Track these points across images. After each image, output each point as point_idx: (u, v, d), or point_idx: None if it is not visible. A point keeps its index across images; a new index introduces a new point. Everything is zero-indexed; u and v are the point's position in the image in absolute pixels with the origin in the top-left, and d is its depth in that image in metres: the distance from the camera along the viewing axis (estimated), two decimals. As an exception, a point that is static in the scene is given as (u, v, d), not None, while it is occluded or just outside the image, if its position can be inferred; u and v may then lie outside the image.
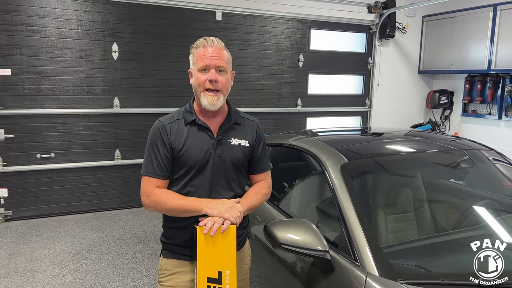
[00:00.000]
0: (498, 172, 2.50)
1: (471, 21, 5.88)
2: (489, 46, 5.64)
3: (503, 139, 5.81)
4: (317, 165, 2.32)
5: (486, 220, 2.17)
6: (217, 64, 1.72)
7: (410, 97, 6.88)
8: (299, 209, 2.51)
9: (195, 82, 1.76)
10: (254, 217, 2.55)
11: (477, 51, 5.83)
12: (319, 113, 6.23)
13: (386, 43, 6.46)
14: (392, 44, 6.54)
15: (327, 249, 1.75)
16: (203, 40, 1.75)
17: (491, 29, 5.59)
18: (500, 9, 5.46)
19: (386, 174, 2.37)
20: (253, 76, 5.65)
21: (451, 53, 6.23)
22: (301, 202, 2.57)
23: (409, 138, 2.83)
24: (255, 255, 2.19)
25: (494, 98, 5.89)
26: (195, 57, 1.75)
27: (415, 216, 2.16)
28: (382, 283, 1.58)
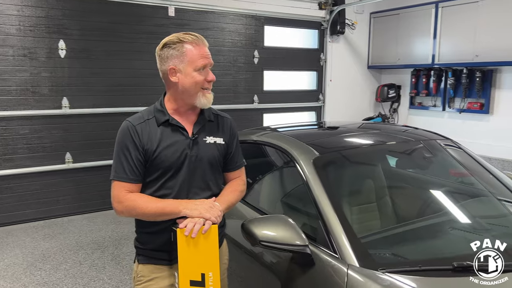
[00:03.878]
0: (454, 161, 2.63)
1: (415, 18, 6.18)
2: (433, 42, 5.95)
3: (447, 129, 6.17)
4: (287, 159, 2.33)
5: (451, 207, 2.27)
6: (212, 63, 1.71)
7: (361, 92, 7.11)
8: (271, 204, 2.50)
9: (190, 82, 1.65)
10: (223, 216, 2.50)
11: (421, 46, 6.14)
12: (276, 109, 6.27)
13: (337, 39, 6.63)
14: (343, 40, 6.73)
15: (307, 243, 1.76)
16: (193, 37, 1.67)
17: (433, 25, 5.91)
18: (442, 6, 5.79)
19: (354, 167, 2.42)
20: (209, 73, 5.56)
21: (398, 49, 6.51)
22: (272, 197, 2.56)
23: (369, 131, 2.91)
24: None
25: (438, 90, 6.23)
26: (185, 54, 1.64)
27: (386, 205, 2.22)
28: (364, 273, 1.61)
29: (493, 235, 2.00)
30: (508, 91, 5.48)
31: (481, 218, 2.15)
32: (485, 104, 5.69)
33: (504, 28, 5.09)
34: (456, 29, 5.67)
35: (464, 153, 2.64)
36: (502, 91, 5.55)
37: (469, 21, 5.47)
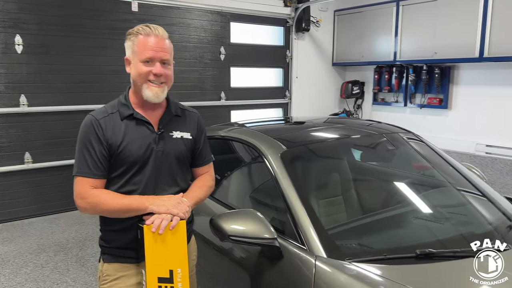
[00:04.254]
0: (416, 153, 2.72)
1: (378, 16, 6.33)
2: (394, 39, 6.12)
3: (409, 124, 6.36)
4: (255, 154, 2.33)
5: (414, 198, 2.35)
6: (162, 57, 1.62)
7: (326, 88, 7.22)
8: (240, 200, 2.50)
9: (135, 72, 1.63)
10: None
11: (384, 44, 6.30)
12: (243, 106, 6.27)
13: (302, 36, 6.70)
14: (308, 38, 6.80)
15: (275, 237, 1.77)
16: (146, 28, 1.63)
17: (395, 23, 6.07)
18: (402, 5, 5.95)
19: (320, 160, 2.46)
20: (174, 69, 5.42)
21: (361, 46, 6.65)
22: (240, 192, 2.56)
23: (334, 125, 2.96)
24: (196, 251, 2.13)
25: (400, 87, 6.42)
26: (135, 45, 1.62)
27: (352, 197, 2.27)
28: (331, 264, 1.64)
29: (453, 223, 2.09)
30: (465, 87, 5.71)
31: (442, 207, 2.23)
32: (444, 100, 5.90)
33: (461, 26, 5.29)
34: (416, 27, 5.85)
35: (425, 146, 2.73)
36: (460, 87, 5.78)
37: (428, 19, 5.66)
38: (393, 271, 1.59)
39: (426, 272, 1.61)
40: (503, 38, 4.90)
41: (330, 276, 1.60)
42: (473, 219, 2.13)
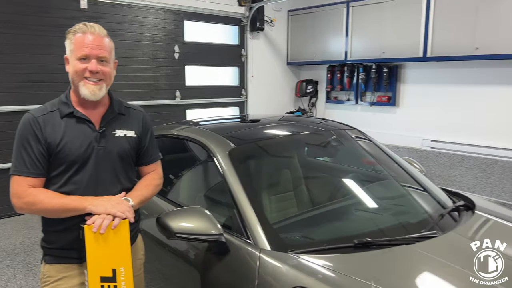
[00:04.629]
0: (360, 148, 2.85)
1: (329, 16, 6.51)
2: (345, 39, 6.32)
3: (360, 121, 6.61)
4: (205, 152, 2.36)
5: (357, 191, 2.47)
6: (99, 54, 1.61)
7: (281, 87, 7.34)
8: (190, 198, 2.52)
9: (72, 70, 1.62)
10: (142, 212, 2.47)
11: (335, 43, 6.48)
12: (199, 104, 6.25)
13: (257, 35, 6.77)
14: (263, 37, 6.88)
15: (221, 232, 1.81)
16: (82, 26, 1.62)
17: (345, 24, 6.27)
18: (352, 6, 6.16)
19: (269, 157, 2.52)
20: (127, 68, 5.40)
21: (314, 46, 6.81)
22: (191, 191, 2.58)
23: (285, 123, 3.04)
24: (147, 250, 2.13)
25: (351, 85, 6.63)
26: (73, 43, 1.61)
27: (297, 193, 2.35)
28: (274, 256, 1.70)
29: (391, 213, 2.22)
30: (411, 85, 6.00)
31: (382, 199, 2.36)
32: (392, 97, 6.17)
33: (406, 27, 5.55)
34: (365, 28, 6.07)
35: (369, 141, 2.87)
36: (406, 85, 6.06)
37: (376, 20, 5.89)
38: (332, 260, 1.67)
39: (363, 259, 1.70)
40: (444, 39, 5.19)
41: (273, 267, 1.66)
42: (410, 209, 2.27)
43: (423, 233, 1.85)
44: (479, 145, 5.31)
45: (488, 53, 4.81)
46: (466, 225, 2.00)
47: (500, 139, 5.13)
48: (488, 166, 5.20)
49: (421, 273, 1.64)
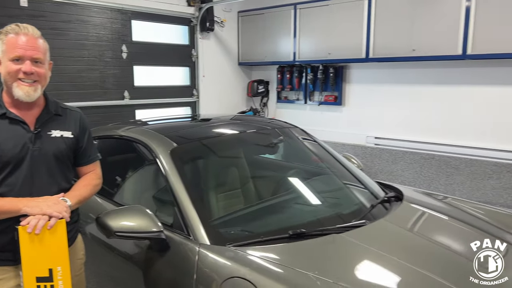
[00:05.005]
0: (303, 146, 2.99)
1: (278, 18, 6.66)
2: (293, 40, 6.49)
3: (309, 120, 6.82)
4: (148, 152, 2.38)
5: (296, 186, 2.59)
6: (33, 55, 1.61)
7: (233, 87, 7.41)
8: (134, 199, 2.53)
9: (4, 71, 1.60)
10: (87, 215, 2.46)
11: (284, 45, 6.64)
12: (149, 105, 6.19)
13: (207, 36, 6.80)
14: (213, 37, 6.92)
15: (162, 229, 1.85)
16: (15, 27, 1.61)
17: (293, 25, 6.44)
18: (299, 8, 6.34)
19: (212, 155, 2.59)
20: (72, 68, 5.26)
21: (264, 46, 6.94)
22: (135, 191, 2.60)
23: (231, 122, 3.12)
24: (91, 252, 2.14)
25: (300, 85, 6.83)
26: (5, 44, 1.59)
27: (240, 189, 2.43)
28: (213, 249, 1.77)
29: (327, 205, 2.36)
30: (356, 85, 6.27)
31: (320, 193, 2.49)
32: (338, 97, 6.42)
33: (349, 29, 5.79)
34: (312, 29, 6.27)
35: (311, 138, 3.00)
36: (351, 85, 6.33)
37: (322, 22, 6.10)
38: (268, 250, 1.77)
39: (297, 248, 1.81)
40: (384, 41, 5.47)
41: (211, 260, 1.73)
42: (345, 201, 2.42)
43: (353, 223, 1.98)
44: (418, 141, 5.65)
45: (424, 54, 5.13)
46: (393, 213, 2.16)
47: (436, 135, 5.49)
48: (426, 161, 5.55)
49: (348, 258, 1.77)
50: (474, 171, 5.15)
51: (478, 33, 4.66)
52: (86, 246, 2.24)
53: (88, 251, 2.02)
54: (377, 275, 1.68)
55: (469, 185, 5.20)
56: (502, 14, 4.51)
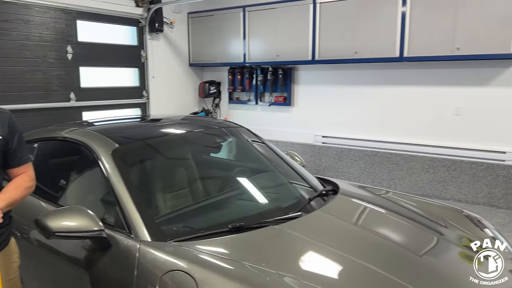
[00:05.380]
0: (249, 145, 3.08)
1: (228, 20, 6.74)
2: (243, 42, 6.60)
3: (260, 120, 6.97)
4: (90, 154, 2.38)
5: (240, 183, 2.68)
6: None
7: (185, 88, 7.41)
8: (77, 200, 2.51)
9: None
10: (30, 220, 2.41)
11: (235, 46, 6.74)
12: (97, 106, 6.07)
13: (157, 37, 6.76)
14: (163, 38, 6.89)
15: (102, 228, 1.88)
16: None
17: (243, 27, 6.56)
18: (248, 11, 6.46)
19: (156, 154, 2.62)
20: (14, 70, 5.06)
21: (215, 48, 7.01)
22: (79, 193, 2.58)
23: (177, 122, 3.16)
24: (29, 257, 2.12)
25: (251, 86, 6.96)
26: None
27: (185, 188, 2.48)
28: (154, 245, 1.82)
29: (268, 200, 2.47)
30: (304, 86, 6.49)
31: (262, 188, 2.59)
32: (287, 98, 6.61)
33: (297, 32, 5.98)
34: (261, 32, 6.41)
35: (256, 137, 3.11)
36: (300, 86, 6.54)
37: (270, 25, 6.26)
38: (208, 244, 1.84)
39: (236, 241, 1.90)
40: (329, 44, 5.70)
41: (151, 256, 1.77)
42: (285, 195, 2.54)
43: (290, 215, 2.10)
44: (362, 139, 5.94)
45: (365, 56, 5.41)
46: (328, 205, 2.31)
47: (378, 133, 5.79)
48: (369, 158, 5.85)
49: (283, 247, 1.88)
50: (413, 166, 5.50)
51: (413, 37, 4.99)
52: (27, 251, 2.22)
53: (29, 256, 2.00)
54: (308, 261, 1.81)
55: (409, 179, 5.54)
56: (433, 20, 4.86)
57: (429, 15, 4.87)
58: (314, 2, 5.72)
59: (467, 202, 5.13)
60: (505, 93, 4.84)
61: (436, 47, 4.86)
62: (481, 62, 4.87)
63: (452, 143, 5.21)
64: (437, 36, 4.84)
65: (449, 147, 5.23)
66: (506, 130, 4.89)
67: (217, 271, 1.63)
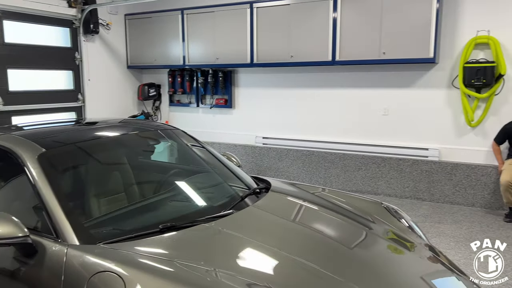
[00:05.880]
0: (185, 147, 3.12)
1: (166, 22, 6.70)
2: (182, 45, 6.60)
3: (202, 122, 7.00)
4: (15, 160, 2.30)
5: (175, 185, 2.71)
6: None
7: (123, 91, 7.26)
8: (3, 207, 2.42)
9: None
10: None
11: (174, 49, 6.72)
12: (28, 111, 5.78)
13: (92, 38, 6.57)
14: (99, 40, 6.71)
15: (27, 234, 1.84)
16: None
17: (181, 30, 6.55)
18: (187, 13, 6.47)
19: (87, 158, 2.58)
20: None
21: (154, 50, 6.93)
22: (5, 200, 2.48)
23: (111, 125, 3.12)
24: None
25: (191, 89, 6.97)
26: None
27: (117, 190, 2.48)
28: (82, 248, 1.82)
29: (202, 200, 2.53)
30: (244, 88, 6.61)
31: (197, 189, 2.65)
32: (228, 100, 6.70)
33: (236, 36, 6.08)
34: (199, 34, 6.44)
35: (192, 139, 3.15)
36: (240, 88, 6.65)
37: (209, 28, 6.32)
38: (138, 244, 1.86)
39: (167, 240, 1.94)
40: (266, 48, 5.87)
41: (79, 259, 1.77)
42: (219, 194, 2.62)
43: (221, 213, 2.18)
44: (300, 139, 6.17)
45: (300, 60, 5.64)
46: (259, 202, 2.41)
47: (314, 134, 6.05)
48: (307, 157, 6.09)
49: (214, 244, 1.96)
50: (347, 164, 5.80)
51: (344, 42, 5.29)
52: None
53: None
54: (236, 255, 1.89)
55: (343, 176, 5.83)
56: (361, 26, 5.18)
57: (358, 21, 5.18)
58: (251, 6, 5.86)
59: (396, 196, 5.50)
60: (426, 94, 5.27)
61: (364, 51, 5.18)
62: (405, 66, 5.27)
63: (381, 142, 5.58)
64: (365, 41, 5.16)
65: (378, 145, 5.59)
66: (428, 128, 5.32)
67: (146, 270, 1.67)
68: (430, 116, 5.28)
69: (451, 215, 4.85)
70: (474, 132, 5.11)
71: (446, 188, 5.24)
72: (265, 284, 1.63)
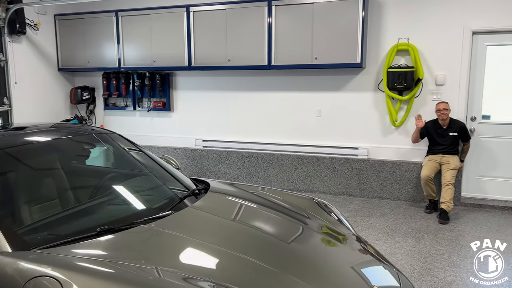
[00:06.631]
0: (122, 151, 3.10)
1: (99, 24, 6.52)
2: (117, 47, 6.46)
3: (139, 126, 6.89)
4: None
5: (112, 189, 2.70)
6: None
7: (54, 94, 6.94)
8: None
9: None
10: None
11: (109, 51, 6.55)
12: None
13: (18, 39, 6.23)
14: (26, 41, 6.37)
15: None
16: None
17: (116, 32, 6.41)
18: (121, 15, 6.35)
19: (17, 164, 2.49)
20: None
21: (87, 52, 6.71)
22: None
23: (44, 129, 3.02)
24: None
25: (128, 92, 6.84)
26: None
27: (52, 196, 2.42)
28: (15, 255, 1.77)
29: (140, 202, 2.54)
30: (182, 91, 6.62)
31: (135, 192, 2.66)
32: (167, 103, 6.66)
33: (173, 39, 6.07)
34: (135, 37, 6.35)
35: (129, 143, 3.14)
36: (178, 91, 6.65)
37: (145, 30, 6.24)
38: (76, 248, 1.86)
39: (105, 242, 1.95)
40: (204, 52, 5.93)
41: (12, 266, 1.72)
42: (157, 196, 2.65)
43: (160, 214, 2.22)
44: (239, 141, 6.30)
45: (238, 64, 5.77)
46: (198, 202, 2.48)
47: (252, 135, 6.21)
48: (247, 158, 6.23)
49: (153, 244, 2.00)
50: (284, 164, 6.02)
51: (279, 47, 5.50)
52: None
53: None
54: (176, 254, 1.95)
55: (281, 176, 6.05)
56: (294, 32, 5.42)
57: (292, 27, 5.42)
58: (188, 10, 5.90)
59: (330, 193, 5.82)
60: (355, 97, 5.64)
61: (298, 56, 5.43)
62: (335, 70, 5.59)
63: (316, 142, 5.87)
64: (298, 47, 5.41)
65: (313, 146, 5.88)
66: (357, 128, 5.69)
67: (84, 272, 1.67)
68: (359, 117, 5.65)
69: (379, 209, 5.23)
70: (398, 132, 5.55)
71: (374, 184, 5.64)
72: (206, 279, 1.71)
